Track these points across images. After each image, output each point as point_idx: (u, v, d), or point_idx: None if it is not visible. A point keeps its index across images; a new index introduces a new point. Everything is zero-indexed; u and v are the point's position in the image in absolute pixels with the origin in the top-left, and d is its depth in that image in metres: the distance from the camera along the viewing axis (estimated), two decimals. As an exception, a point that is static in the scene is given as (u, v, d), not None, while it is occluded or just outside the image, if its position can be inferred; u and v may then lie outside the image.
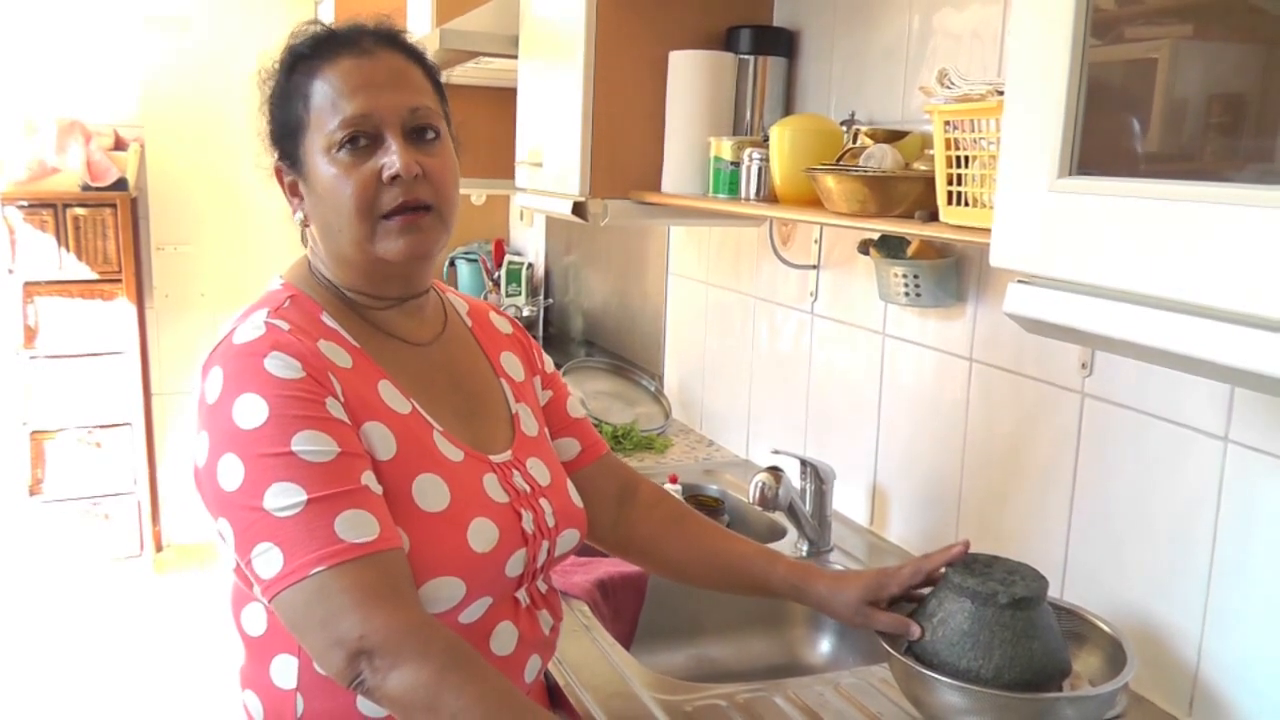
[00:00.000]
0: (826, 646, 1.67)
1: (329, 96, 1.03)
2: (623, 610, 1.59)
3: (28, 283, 3.66)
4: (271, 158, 1.10)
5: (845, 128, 1.57)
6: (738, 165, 1.66)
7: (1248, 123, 0.76)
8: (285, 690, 1.02)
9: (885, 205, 1.29)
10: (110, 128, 3.82)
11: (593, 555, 1.58)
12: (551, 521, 1.12)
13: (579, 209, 1.87)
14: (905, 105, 1.62)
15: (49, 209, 3.65)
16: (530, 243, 3.69)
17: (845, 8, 1.75)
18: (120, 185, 3.73)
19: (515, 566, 1.06)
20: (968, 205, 1.16)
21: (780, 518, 1.78)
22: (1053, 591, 1.23)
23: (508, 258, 3.53)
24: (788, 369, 2.02)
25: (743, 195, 1.65)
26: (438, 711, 0.88)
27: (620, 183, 1.87)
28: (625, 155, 1.86)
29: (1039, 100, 0.84)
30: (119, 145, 3.82)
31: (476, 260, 3.74)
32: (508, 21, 2.22)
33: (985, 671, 1.06)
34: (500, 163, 2.57)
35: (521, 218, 3.76)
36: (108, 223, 3.72)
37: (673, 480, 1.93)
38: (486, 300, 3.44)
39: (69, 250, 3.69)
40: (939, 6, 1.54)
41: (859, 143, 1.45)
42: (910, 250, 1.58)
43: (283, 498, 0.92)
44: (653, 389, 2.53)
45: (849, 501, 1.83)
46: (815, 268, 1.92)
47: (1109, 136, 0.84)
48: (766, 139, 1.60)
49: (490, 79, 2.75)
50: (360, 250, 1.05)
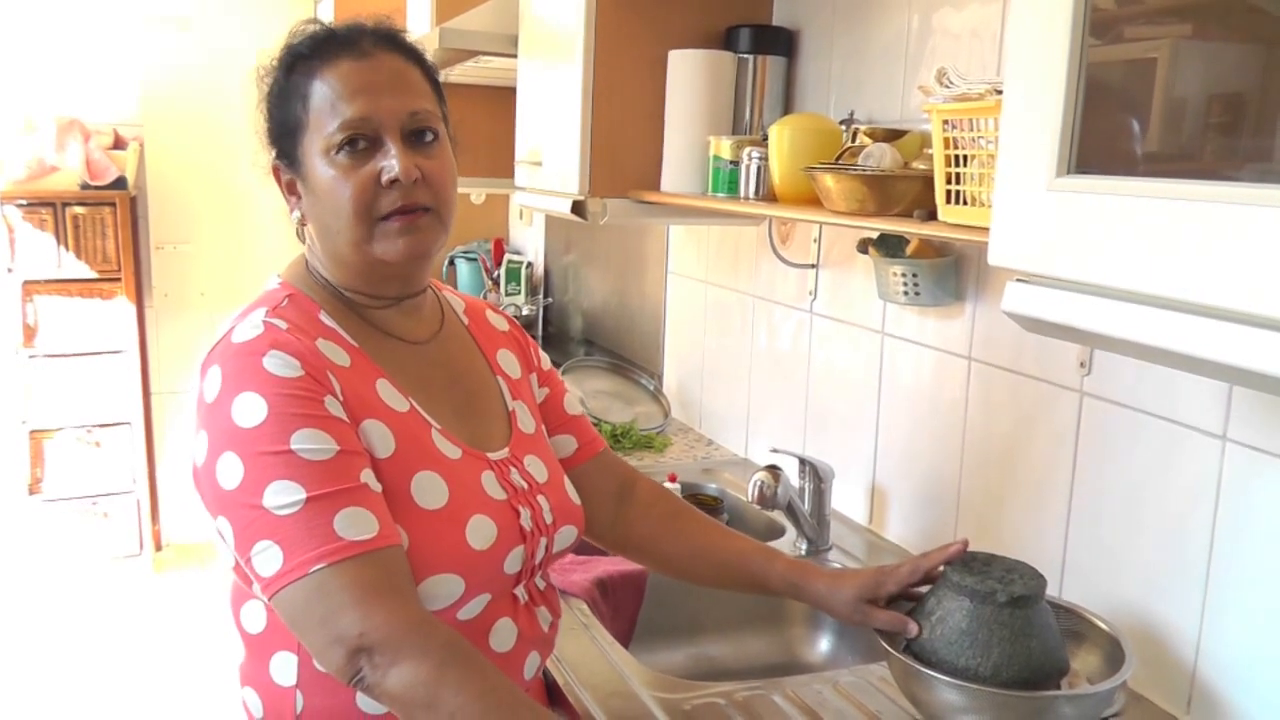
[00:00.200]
0: (825, 645, 1.67)
1: (328, 98, 1.03)
2: (622, 609, 1.60)
3: (27, 281, 3.66)
4: (268, 156, 1.10)
5: (844, 127, 1.57)
6: (737, 164, 1.66)
7: (1247, 122, 0.76)
8: (285, 687, 1.02)
9: (884, 204, 1.29)
10: (110, 126, 3.82)
11: (592, 554, 1.58)
12: (549, 518, 1.12)
13: (578, 208, 1.87)
14: (904, 104, 1.62)
15: (48, 208, 3.65)
16: (530, 242, 3.69)
17: (844, 7, 1.75)
18: (119, 184, 3.73)
19: (514, 563, 1.06)
20: (966, 204, 1.17)
21: (779, 516, 1.78)
22: (1051, 590, 1.23)
23: (507, 257, 3.53)
24: (787, 368, 2.02)
25: (742, 194, 1.65)
26: (437, 708, 0.88)
27: (619, 182, 1.87)
28: (624, 154, 1.86)
29: (1037, 99, 0.84)
30: (118, 144, 3.81)
31: (476, 259, 3.74)
32: (507, 20, 2.22)
33: (984, 670, 1.06)
34: (499, 162, 2.57)
35: (521, 217, 3.76)
36: (107, 222, 3.72)
37: (672, 479, 1.93)
38: (485, 299, 3.46)
39: (68, 249, 3.69)
40: (938, 6, 1.54)
41: (858, 142, 1.45)
42: (909, 249, 1.58)
43: (282, 496, 0.92)
44: (652, 388, 2.54)
45: (848, 500, 1.83)
46: (814, 267, 1.92)
47: (1108, 136, 0.84)
48: (765, 138, 1.60)
49: (490, 78, 2.75)
50: (358, 251, 1.05)
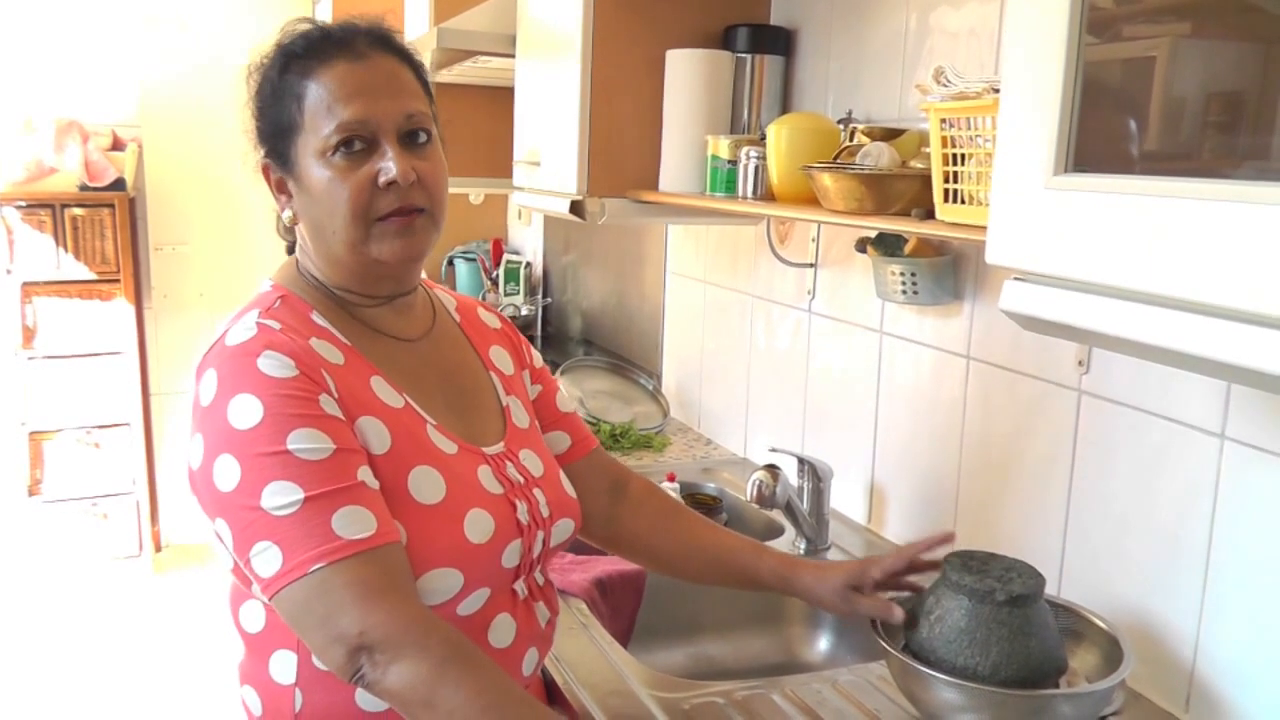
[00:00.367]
0: (824, 644, 1.67)
1: (324, 100, 1.03)
2: (621, 608, 1.60)
3: (26, 283, 3.66)
4: (257, 155, 1.10)
5: (842, 126, 1.57)
6: (735, 164, 1.66)
7: (1245, 120, 0.76)
8: (284, 685, 1.02)
9: (882, 203, 1.29)
10: (108, 128, 3.82)
11: (590, 554, 1.58)
12: (546, 512, 1.13)
13: (577, 208, 1.87)
14: (902, 103, 1.62)
15: (47, 209, 3.64)
16: (528, 242, 3.69)
17: (842, 6, 1.75)
18: (118, 185, 3.73)
19: (511, 557, 1.07)
20: (964, 203, 1.17)
21: (778, 516, 1.78)
22: (1049, 589, 1.24)
23: (506, 257, 3.53)
24: (785, 367, 2.02)
25: (740, 194, 1.65)
26: (435, 706, 0.89)
27: (618, 181, 1.87)
28: (623, 154, 1.86)
29: (1035, 98, 0.84)
30: (117, 145, 3.81)
31: (475, 260, 3.74)
32: (505, 20, 2.22)
33: (982, 669, 1.06)
34: (498, 162, 2.57)
35: (519, 217, 3.76)
36: (106, 223, 3.72)
37: (670, 479, 1.93)
38: (484, 299, 3.46)
39: (67, 250, 3.68)
40: (936, 5, 1.54)
41: (856, 141, 1.45)
42: (907, 248, 1.58)
43: (280, 496, 0.92)
44: (651, 388, 2.54)
45: (846, 499, 1.83)
46: (813, 266, 1.92)
47: (1106, 134, 0.84)
48: (764, 137, 1.60)
49: (488, 78, 2.75)
50: (354, 252, 1.05)
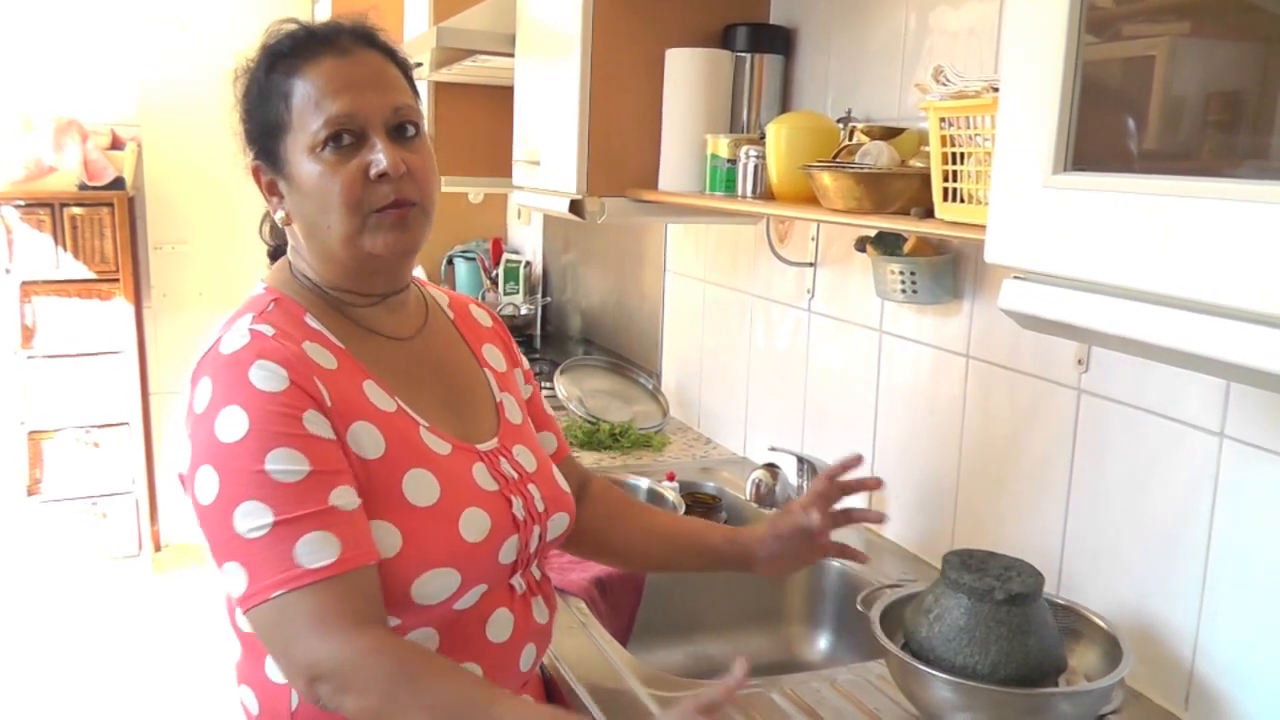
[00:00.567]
0: (824, 643, 1.67)
1: (312, 96, 1.03)
2: (620, 607, 1.60)
3: (25, 282, 3.65)
4: (247, 157, 1.10)
5: (841, 125, 1.57)
6: (734, 163, 1.66)
7: (1245, 119, 0.76)
8: (280, 685, 1.02)
9: (881, 202, 1.29)
10: (107, 127, 3.82)
11: (590, 553, 1.58)
12: (541, 506, 1.13)
13: (576, 207, 1.87)
14: (901, 102, 1.62)
15: (46, 208, 3.64)
16: (528, 241, 3.69)
17: (842, 5, 1.75)
18: (117, 184, 3.72)
19: (508, 553, 1.07)
20: (963, 202, 1.17)
21: (778, 515, 1.78)
22: (1048, 587, 1.24)
23: (505, 256, 3.53)
24: (785, 366, 2.02)
25: (739, 193, 1.65)
26: None
27: (617, 180, 1.87)
28: (622, 153, 1.86)
29: (1034, 97, 0.84)
30: (116, 144, 3.81)
31: (474, 259, 3.74)
32: (505, 20, 2.22)
33: (981, 667, 1.06)
34: (497, 161, 2.57)
35: (519, 216, 3.76)
36: (105, 222, 3.72)
37: (670, 478, 1.93)
38: (484, 298, 3.46)
39: (66, 250, 3.68)
40: (935, 4, 1.54)
41: (855, 140, 1.45)
42: (906, 247, 1.58)
43: (251, 519, 0.93)
44: (650, 387, 2.54)
45: (846, 498, 1.82)
46: (812, 265, 1.92)
47: (1106, 133, 0.84)
48: (763, 136, 1.60)
49: (487, 77, 2.75)
50: (348, 246, 1.05)
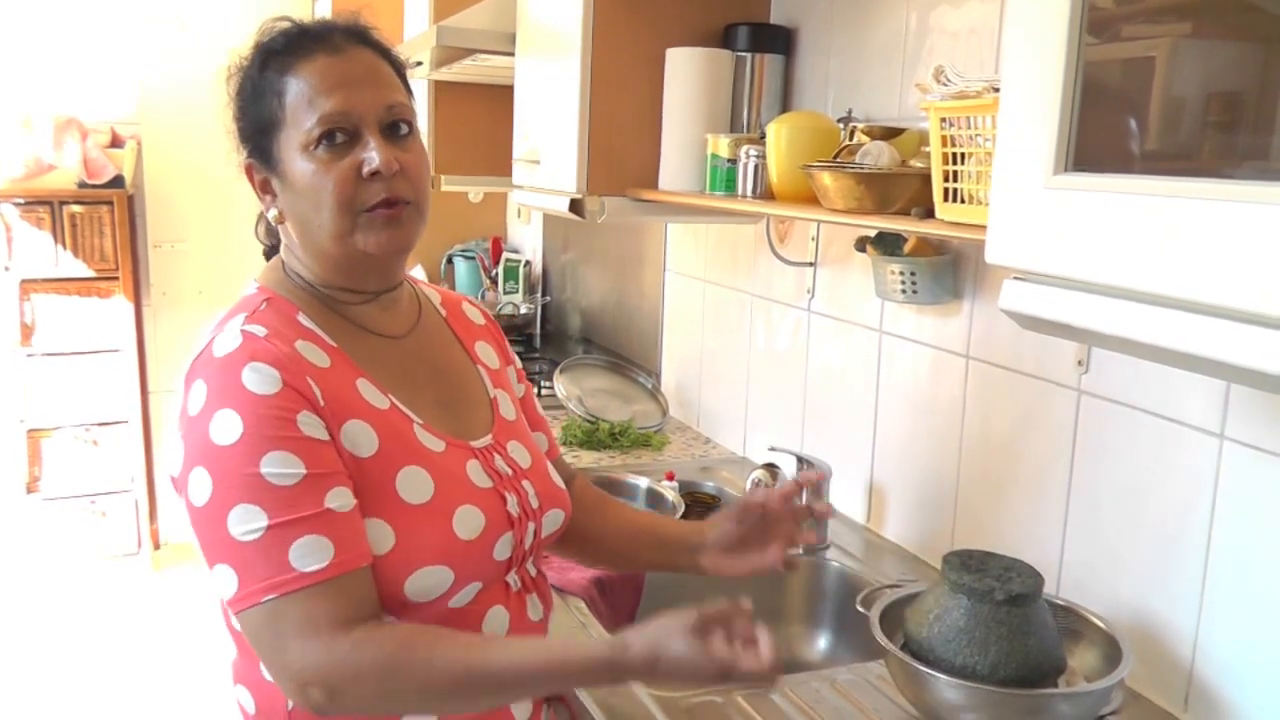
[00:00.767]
0: (823, 643, 1.67)
1: (305, 94, 1.03)
2: (620, 607, 1.60)
3: (24, 280, 3.65)
4: (240, 156, 1.10)
5: (842, 125, 1.57)
6: (735, 162, 1.66)
7: (1245, 120, 0.76)
8: (276, 685, 1.02)
9: (882, 202, 1.29)
10: (107, 125, 3.81)
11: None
12: (535, 503, 1.13)
13: (576, 206, 1.87)
14: (902, 102, 1.62)
15: (45, 206, 3.64)
16: (528, 240, 3.69)
17: (842, 5, 1.75)
18: (117, 183, 3.72)
19: (503, 550, 1.07)
20: (964, 202, 1.17)
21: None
22: (1048, 588, 1.24)
23: (505, 255, 3.53)
24: (785, 366, 2.02)
25: (740, 192, 1.65)
26: (402, 712, 0.95)
27: (617, 180, 1.87)
28: (622, 152, 1.86)
29: (1035, 97, 0.84)
30: (116, 143, 3.81)
31: (474, 258, 3.74)
32: (505, 19, 2.21)
33: (981, 668, 1.06)
34: (497, 160, 2.57)
35: (519, 215, 3.76)
36: (104, 220, 3.71)
37: (669, 477, 1.93)
38: (483, 298, 3.46)
39: (66, 248, 3.68)
40: (936, 4, 1.54)
41: (855, 140, 1.44)
42: (907, 247, 1.58)
43: (245, 522, 0.93)
44: (650, 386, 2.53)
45: (846, 498, 1.83)
46: (812, 265, 1.92)
47: (1106, 134, 0.84)
48: (763, 136, 1.60)
49: (487, 76, 2.75)
50: (341, 244, 1.05)
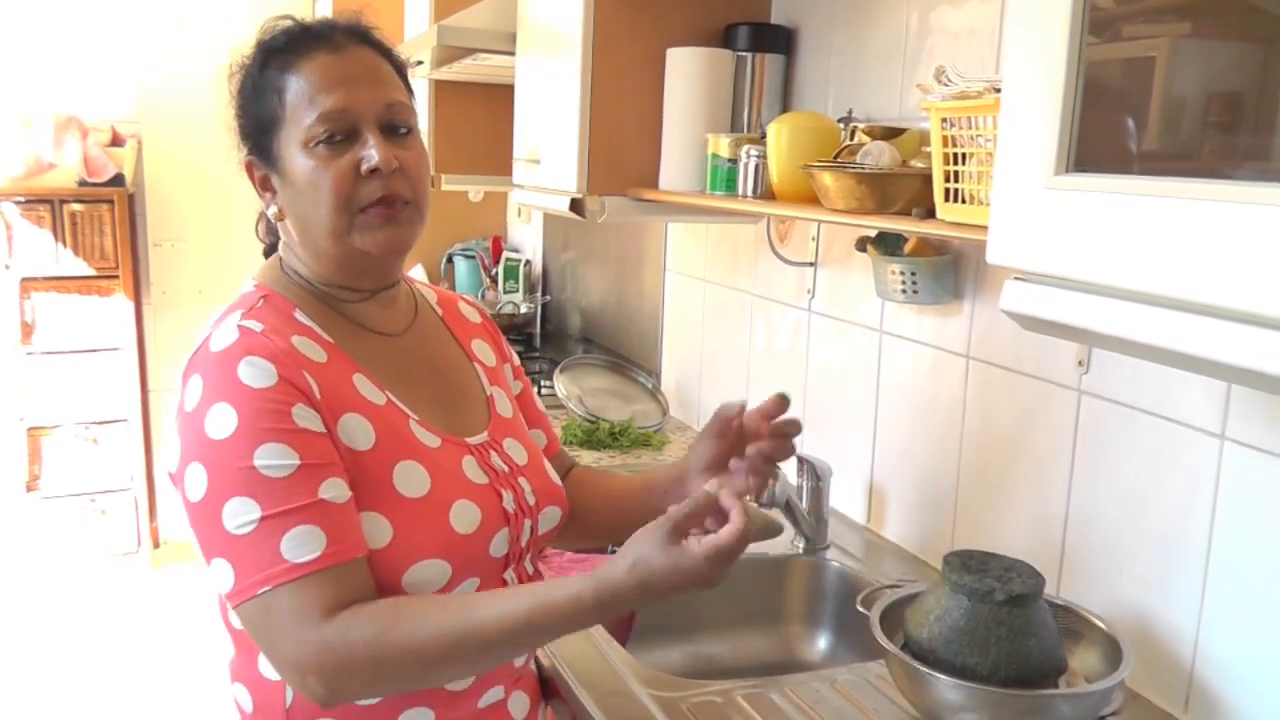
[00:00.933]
0: (823, 644, 1.67)
1: (305, 91, 1.03)
2: (619, 607, 1.59)
3: (25, 279, 3.65)
4: (240, 153, 1.10)
5: (843, 125, 1.57)
6: (735, 162, 1.66)
7: (1245, 120, 0.76)
8: (274, 681, 1.03)
9: (882, 202, 1.29)
10: (108, 124, 3.81)
11: (590, 553, 1.58)
12: (532, 500, 1.13)
13: (576, 206, 1.87)
14: (903, 102, 1.62)
15: (46, 205, 3.64)
16: (528, 240, 3.69)
17: (843, 5, 1.75)
18: (117, 181, 3.72)
19: (499, 546, 1.07)
20: (965, 202, 1.16)
21: (777, 515, 1.78)
22: (1049, 589, 1.24)
23: (505, 254, 3.52)
24: (785, 366, 2.02)
25: (740, 192, 1.65)
26: (402, 687, 0.95)
27: (618, 179, 1.86)
28: (623, 152, 1.86)
29: (1036, 97, 0.83)
30: (116, 141, 3.81)
31: (474, 257, 3.74)
32: (506, 18, 2.21)
33: (982, 668, 1.06)
34: (498, 159, 2.57)
35: (519, 214, 3.75)
36: (105, 219, 3.71)
37: (670, 477, 1.92)
38: (483, 297, 3.46)
39: (66, 246, 3.68)
40: (937, 4, 1.54)
41: (856, 140, 1.44)
42: (907, 247, 1.58)
43: (239, 515, 0.93)
44: (650, 386, 2.53)
45: (846, 499, 1.83)
46: (813, 265, 1.92)
47: (1106, 134, 0.84)
48: (764, 136, 1.60)
49: (488, 76, 2.75)
50: (338, 242, 1.05)
